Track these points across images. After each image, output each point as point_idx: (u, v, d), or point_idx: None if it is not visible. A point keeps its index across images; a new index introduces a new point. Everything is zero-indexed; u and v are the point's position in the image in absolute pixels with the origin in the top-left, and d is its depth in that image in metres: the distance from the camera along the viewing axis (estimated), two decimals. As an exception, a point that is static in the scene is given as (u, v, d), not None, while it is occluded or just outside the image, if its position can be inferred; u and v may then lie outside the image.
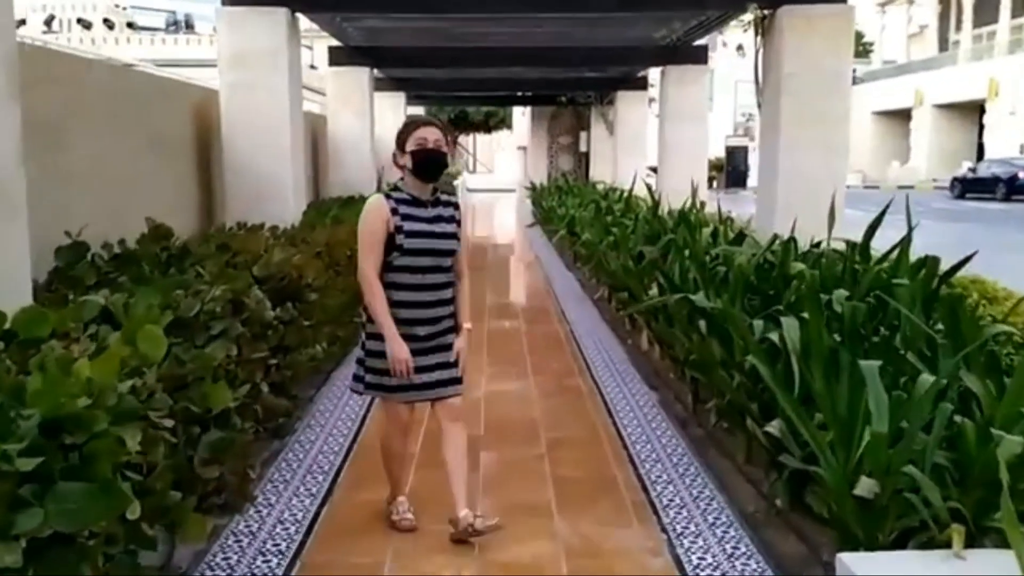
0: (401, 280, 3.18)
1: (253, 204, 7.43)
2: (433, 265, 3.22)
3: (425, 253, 3.20)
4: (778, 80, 7.59)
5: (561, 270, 11.33)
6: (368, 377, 3.33)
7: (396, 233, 3.14)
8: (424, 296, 3.22)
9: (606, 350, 6.53)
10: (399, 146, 3.25)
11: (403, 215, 3.17)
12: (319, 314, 5.18)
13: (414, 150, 3.19)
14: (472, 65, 14.31)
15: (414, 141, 3.20)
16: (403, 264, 3.17)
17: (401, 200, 3.21)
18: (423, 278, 3.21)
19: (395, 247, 3.15)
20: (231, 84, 7.47)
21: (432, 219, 3.25)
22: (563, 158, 23.63)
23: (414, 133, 3.22)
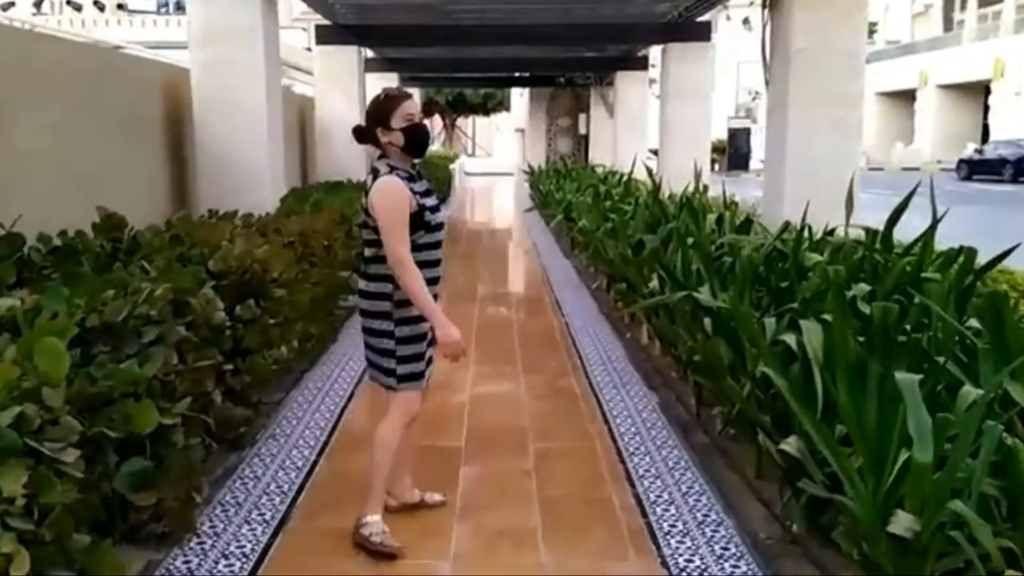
0: (424, 258, 3.01)
1: (228, 191, 6.98)
2: (441, 239, 3.14)
3: (440, 227, 3.10)
4: (787, 57, 7.11)
5: (558, 257, 10.88)
6: (400, 368, 3.07)
7: (421, 211, 2.98)
8: (438, 272, 3.13)
9: (603, 346, 6.09)
10: (382, 122, 3.01)
11: (418, 192, 3.02)
12: (287, 311, 4.74)
13: (405, 127, 3.00)
14: (468, 44, 13.80)
15: (402, 117, 3.00)
16: (426, 242, 3.03)
17: (402, 177, 3.01)
18: (438, 253, 3.11)
19: (421, 226, 2.98)
20: (203, 62, 6.99)
21: (427, 192, 3.12)
22: (562, 141, 23.12)
23: (399, 108, 3.01)
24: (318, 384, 5.08)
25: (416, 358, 3.08)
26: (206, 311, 3.44)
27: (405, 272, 2.90)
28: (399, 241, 2.92)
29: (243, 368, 4.03)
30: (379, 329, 3.06)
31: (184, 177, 7.27)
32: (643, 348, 6.11)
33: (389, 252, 2.92)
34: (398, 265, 2.91)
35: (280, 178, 7.57)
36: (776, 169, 7.43)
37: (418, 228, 2.98)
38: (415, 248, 2.97)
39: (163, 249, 4.14)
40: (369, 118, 3.05)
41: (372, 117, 3.03)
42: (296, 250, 5.47)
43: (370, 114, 3.05)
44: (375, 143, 3.05)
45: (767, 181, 7.72)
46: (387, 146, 3.01)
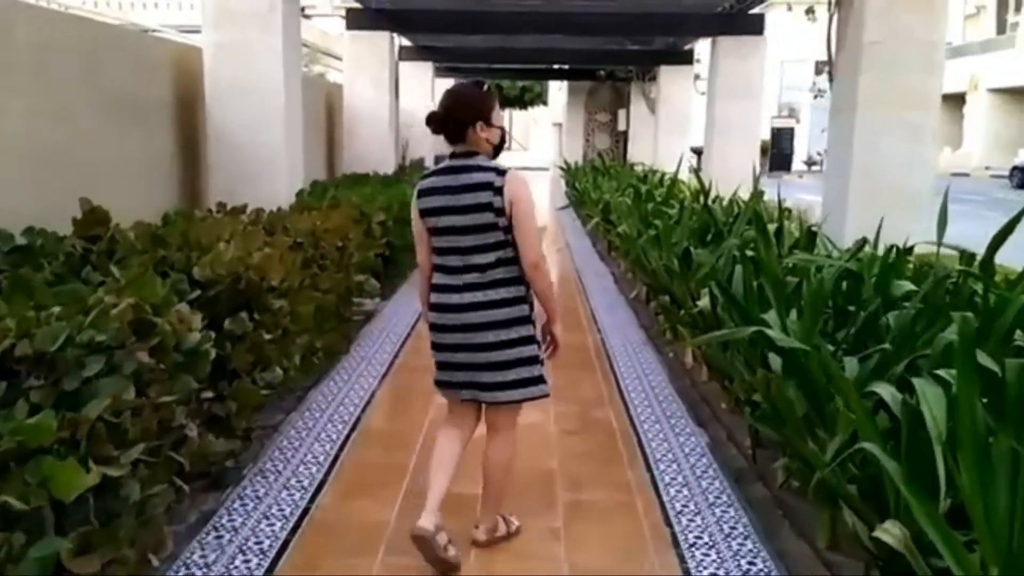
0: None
1: (240, 182, 6.48)
2: None
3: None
4: (857, 51, 6.42)
5: (593, 261, 10.25)
6: (540, 369, 2.99)
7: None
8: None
9: (643, 368, 5.46)
10: (483, 116, 2.83)
11: None
12: (289, 324, 4.18)
13: (502, 126, 2.94)
14: (506, 32, 13.19)
15: (498, 116, 2.91)
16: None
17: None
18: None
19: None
20: (217, 44, 6.48)
21: None
22: (600, 137, 22.42)
23: (495, 105, 2.90)
24: (322, 405, 4.52)
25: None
26: (178, 332, 2.88)
27: (544, 272, 2.85)
28: (538, 241, 2.82)
29: (228, 393, 3.47)
30: (519, 337, 2.87)
31: (196, 166, 6.77)
32: (687, 371, 5.49)
33: (531, 252, 2.79)
34: (541, 264, 2.81)
35: (298, 170, 7.03)
36: (839, 175, 6.75)
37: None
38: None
39: (144, 251, 3.59)
40: (467, 110, 2.82)
41: (471, 109, 2.82)
42: (305, 252, 4.92)
43: (468, 106, 2.83)
44: (460, 137, 2.84)
45: (827, 188, 7.03)
46: (481, 142, 2.84)
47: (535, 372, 2.91)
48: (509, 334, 2.83)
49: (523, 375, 2.89)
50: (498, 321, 2.82)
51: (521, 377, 2.89)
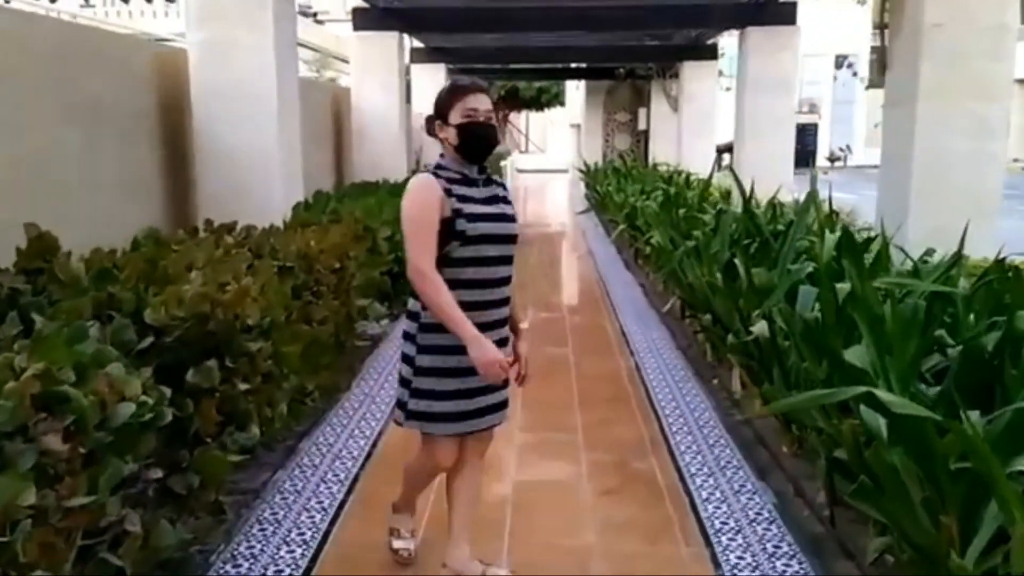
0: (463, 276, 2.56)
1: (230, 197, 5.87)
2: (499, 255, 2.62)
3: (491, 240, 2.59)
4: (916, 35, 5.71)
5: (619, 270, 9.55)
6: (412, 403, 2.63)
7: (455, 218, 2.53)
8: (491, 294, 2.61)
9: (686, 401, 4.77)
10: (440, 115, 2.63)
11: (458, 196, 2.57)
12: (271, 367, 3.54)
13: (462, 123, 2.58)
14: (521, 29, 12.53)
15: (461, 112, 2.59)
16: (465, 256, 2.55)
17: (452, 179, 2.60)
18: (490, 272, 2.60)
19: (454, 235, 2.53)
20: (202, 44, 5.87)
21: (488, 199, 2.65)
22: (620, 137, 21.68)
23: (461, 101, 2.60)
24: (315, 460, 3.86)
25: (437, 396, 2.59)
26: (108, 402, 2.24)
27: (424, 283, 2.50)
28: (419, 251, 2.51)
29: (190, 464, 2.82)
30: (404, 353, 2.67)
31: (184, 181, 6.15)
32: (736, 402, 4.80)
33: (408, 263, 2.54)
34: (416, 277, 2.51)
35: (296, 181, 6.40)
36: (896, 174, 6.03)
37: (449, 238, 2.52)
38: (449, 263, 2.53)
39: (85, 291, 2.95)
40: (434, 109, 2.66)
41: (435, 108, 2.65)
42: (295, 278, 4.28)
43: (434, 104, 2.67)
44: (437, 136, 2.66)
45: (883, 189, 6.32)
46: (444, 143, 2.63)
47: (403, 396, 2.66)
48: (405, 347, 2.68)
49: (399, 396, 2.70)
50: (404, 332, 2.71)
51: (398, 397, 2.71)
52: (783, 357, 3.87)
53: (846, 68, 43.95)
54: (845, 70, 43.91)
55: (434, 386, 2.58)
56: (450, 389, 2.57)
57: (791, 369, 3.79)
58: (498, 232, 2.59)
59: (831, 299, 3.19)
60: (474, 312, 2.51)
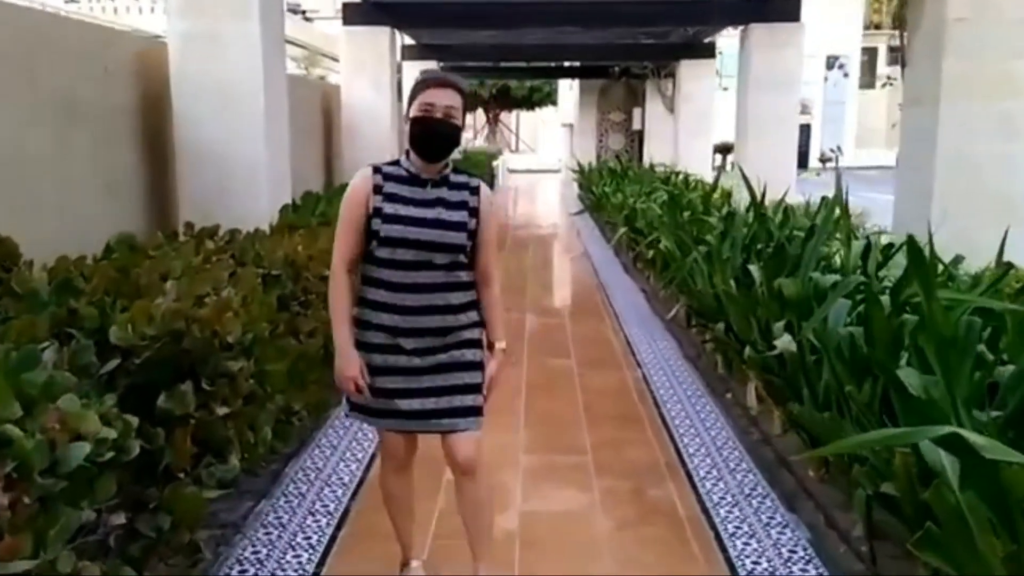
0: (381, 276, 2.50)
1: (215, 197, 5.54)
2: (418, 260, 2.47)
3: (406, 244, 2.46)
4: (938, 31, 5.42)
5: (619, 274, 9.25)
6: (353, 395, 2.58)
7: (372, 216, 2.46)
8: (407, 299, 2.48)
9: (701, 418, 4.47)
10: (407, 109, 2.50)
11: (387, 194, 2.47)
12: (256, 387, 3.21)
13: (415, 117, 2.45)
14: (514, 25, 12.20)
15: (419, 105, 2.44)
16: (382, 256, 2.48)
17: (392, 176, 2.51)
18: (406, 276, 2.48)
19: (370, 234, 2.47)
20: (183, 36, 5.53)
21: (429, 202, 2.50)
22: (613, 137, 21.40)
23: (422, 94, 2.45)
24: (302, 487, 3.54)
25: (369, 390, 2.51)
26: (58, 443, 1.91)
27: (330, 281, 2.53)
28: (336, 241, 2.52)
29: (160, 503, 2.50)
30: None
31: (166, 182, 5.81)
32: (753, 419, 4.50)
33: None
34: (329, 271, 2.56)
35: (283, 182, 6.07)
36: (916, 177, 5.75)
37: (369, 236, 2.47)
38: (371, 260, 2.50)
39: (45, 304, 2.62)
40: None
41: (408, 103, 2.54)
42: (281, 287, 3.95)
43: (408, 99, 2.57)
44: None
45: (901, 194, 6.03)
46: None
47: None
48: None
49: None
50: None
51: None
52: (810, 378, 3.57)
53: (837, 69, 43.90)
54: (836, 71, 43.87)
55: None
56: (374, 386, 2.50)
57: (824, 389, 3.49)
58: (422, 238, 2.44)
59: (882, 316, 2.88)
60: (389, 314, 2.46)
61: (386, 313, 2.46)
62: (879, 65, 48.09)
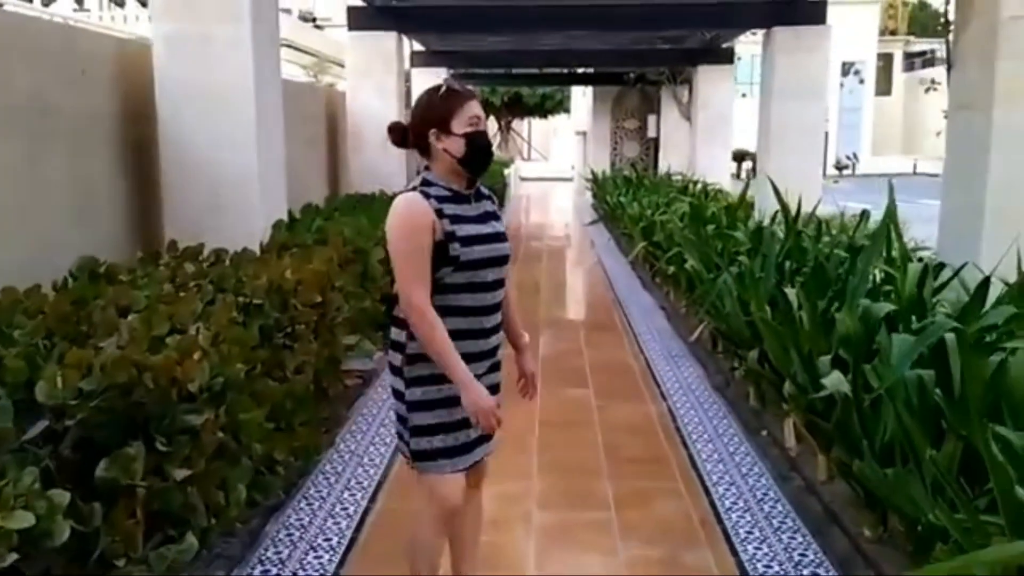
0: (457, 303, 2.31)
1: (202, 213, 5.13)
2: (495, 280, 2.37)
3: (488, 264, 2.34)
4: (991, 30, 4.94)
5: (636, 289, 8.78)
6: (414, 442, 2.35)
7: (449, 242, 2.26)
8: (485, 322, 2.37)
9: (735, 462, 4.00)
10: (438, 123, 2.29)
11: (452, 217, 2.28)
12: (228, 440, 2.77)
13: (469, 133, 2.29)
14: (527, 30, 11.75)
15: (466, 121, 2.29)
16: (459, 282, 2.30)
17: (443, 198, 2.30)
18: (485, 298, 2.36)
19: (447, 261, 2.27)
20: (168, 38, 5.11)
21: (481, 218, 2.38)
22: (628, 145, 20.91)
23: (463, 108, 2.30)
24: (283, 550, 3.08)
25: (441, 429, 2.35)
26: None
27: (420, 321, 2.27)
28: (411, 279, 2.27)
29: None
30: (394, 388, 2.43)
31: (151, 197, 5.38)
32: (793, 461, 4.02)
33: (399, 293, 2.32)
34: (409, 311, 2.29)
35: (278, 195, 5.63)
36: (965, 190, 5.26)
37: (442, 264, 2.28)
38: (441, 290, 2.30)
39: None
40: (421, 115, 2.35)
41: (426, 115, 2.34)
42: (264, 318, 3.50)
43: (423, 110, 2.35)
44: (423, 149, 2.36)
45: (947, 210, 5.53)
46: (441, 154, 2.32)
47: (404, 435, 2.40)
48: (392, 381, 2.44)
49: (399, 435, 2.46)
50: (389, 364, 2.46)
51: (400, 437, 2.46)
52: (869, 422, 3.10)
53: (853, 75, 43.40)
54: (852, 77, 43.37)
55: (433, 420, 2.35)
56: (450, 421, 2.35)
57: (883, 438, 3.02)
58: (493, 255, 2.36)
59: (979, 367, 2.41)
60: (468, 340, 2.33)
61: (464, 340, 2.33)
62: (895, 71, 47.57)
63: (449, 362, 2.25)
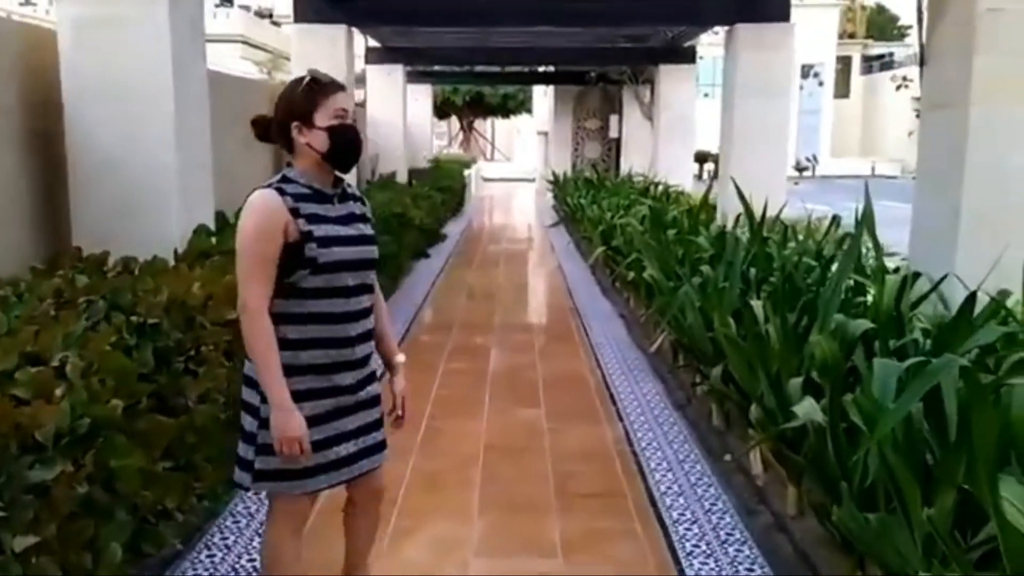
0: (313, 309, 2.19)
1: (114, 217, 4.67)
2: (358, 284, 2.25)
3: (347, 267, 2.22)
4: (968, 22, 4.63)
5: (595, 297, 8.40)
6: (260, 461, 2.18)
7: (304, 242, 2.13)
8: (350, 329, 2.24)
9: (697, 495, 3.61)
10: (300, 116, 2.18)
11: (308, 216, 2.16)
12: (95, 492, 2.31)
13: (334, 126, 2.18)
14: (485, 24, 11.33)
15: (331, 112, 2.18)
16: (317, 286, 2.18)
17: (300, 196, 2.18)
18: (347, 303, 2.23)
19: (303, 263, 2.14)
20: (76, 23, 4.62)
21: (344, 219, 2.26)
22: (590, 145, 20.58)
23: (329, 99, 2.19)
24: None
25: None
26: None
27: (251, 324, 2.11)
28: (249, 278, 2.12)
29: None
30: (246, 401, 2.23)
31: (60, 198, 4.88)
32: (760, 492, 3.66)
33: (239, 295, 2.14)
34: (242, 312, 2.13)
35: (203, 197, 5.17)
36: (939, 193, 4.94)
37: (299, 265, 2.13)
38: (298, 294, 2.16)
39: None
40: (283, 108, 2.21)
41: (289, 107, 2.20)
42: (163, 340, 3.05)
43: (286, 102, 2.21)
44: (287, 143, 2.21)
45: (919, 214, 5.21)
46: (304, 149, 2.19)
47: (247, 453, 2.23)
48: (245, 394, 2.26)
49: (241, 452, 2.26)
50: (243, 375, 2.28)
51: (239, 454, 2.27)
52: (847, 460, 2.73)
53: (812, 77, 43.66)
54: (811, 79, 43.64)
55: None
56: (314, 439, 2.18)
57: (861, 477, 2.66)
58: (356, 257, 2.25)
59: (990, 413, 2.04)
60: (330, 349, 2.21)
61: (319, 350, 2.19)
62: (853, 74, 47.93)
63: (268, 375, 2.10)
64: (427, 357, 5.72)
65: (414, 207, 10.07)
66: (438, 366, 5.57)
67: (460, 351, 6.06)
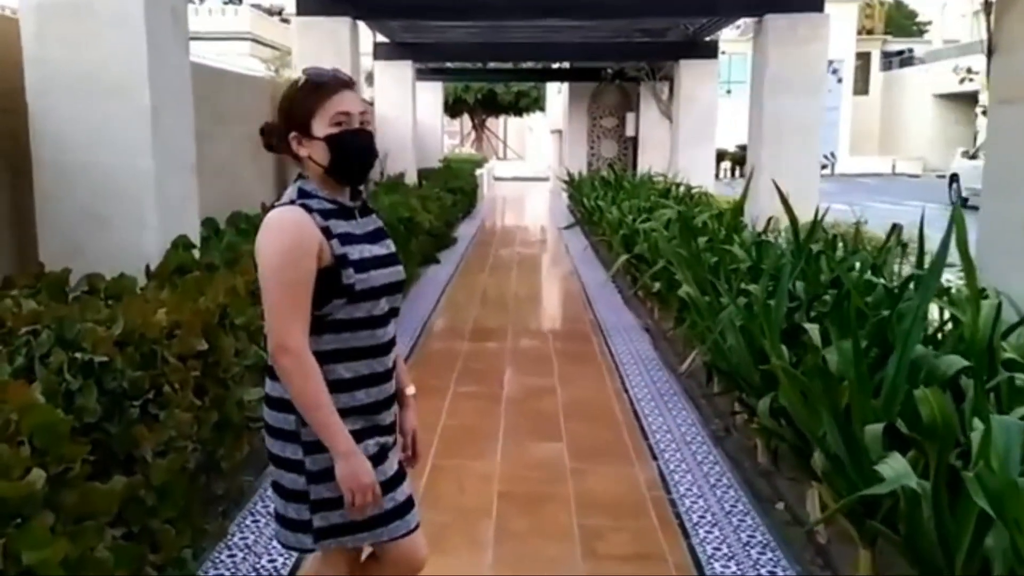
0: (356, 344, 1.90)
1: (83, 228, 4.19)
2: (392, 310, 1.97)
3: (381, 292, 1.92)
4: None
5: (616, 308, 7.86)
6: (319, 519, 1.91)
7: (341, 267, 1.84)
8: (381, 364, 1.95)
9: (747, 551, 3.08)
10: (298, 126, 1.88)
11: (341, 236, 1.86)
12: None
13: (333, 135, 1.86)
14: (496, 17, 10.79)
15: (329, 118, 1.86)
16: (357, 317, 1.88)
17: (327, 211, 1.88)
18: (385, 334, 1.95)
19: (337, 291, 1.84)
20: (40, 10, 4.12)
21: (372, 235, 1.97)
22: (606, 144, 20.01)
23: (327, 102, 1.87)
24: None
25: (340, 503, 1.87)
26: None
27: (296, 368, 1.80)
28: (288, 316, 1.80)
29: None
30: (284, 458, 1.91)
31: (24, 206, 4.39)
32: (822, 551, 3.12)
33: (269, 333, 1.83)
34: (282, 356, 1.80)
35: (185, 205, 4.65)
36: (1011, 199, 4.39)
37: (334, 294, 1.83)
38: (334, 327, 1.86)
39: None
40: (280, 115, 1.92)
41: (285, 114, 1.91)
42: (114, 378, 2.53)
43: (284, 110, 1.91)
44: (292, 155, 1.91)
45: (987, 216, 4.66)
46: (308, 163, 1.89)
47: (300, 513, 1.90)
48: (279, 449, 1.91)
49: (291, 513, 1.93)
50: (268, 426, 1.94)
51: (289, 516, 1.93)
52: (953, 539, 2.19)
53: (831, 74, 42.91)
54: (830, 76, 42.89)
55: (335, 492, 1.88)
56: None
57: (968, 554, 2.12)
58: (390, 280, 1.95)
59: None
60: (364, 389, 1.91)
61: (362, 389, 1.92)
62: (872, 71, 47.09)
63: (327, 422, 1.81)
64: (434, 380, 5.19)
65: (423, 210, 9.54)
66: (447, 390, 5.05)
67: (471, 372, 5.53)
